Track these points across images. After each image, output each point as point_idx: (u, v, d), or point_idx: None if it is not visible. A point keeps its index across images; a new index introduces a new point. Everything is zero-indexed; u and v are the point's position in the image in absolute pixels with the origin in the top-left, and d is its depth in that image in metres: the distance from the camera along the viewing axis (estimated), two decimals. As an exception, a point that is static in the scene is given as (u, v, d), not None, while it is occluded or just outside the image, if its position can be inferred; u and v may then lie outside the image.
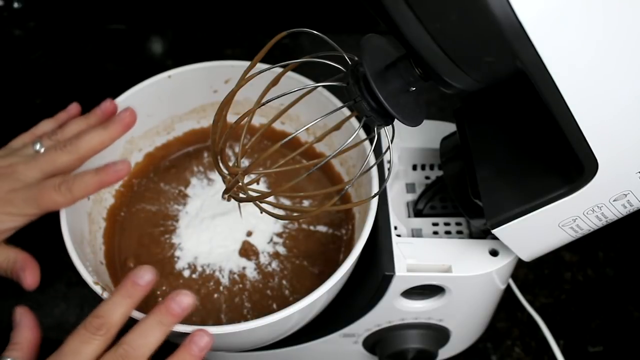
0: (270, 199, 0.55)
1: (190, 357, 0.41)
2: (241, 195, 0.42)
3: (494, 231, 0.42)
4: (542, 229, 0.42)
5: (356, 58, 0.37)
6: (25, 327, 0.43)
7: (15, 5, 0.88)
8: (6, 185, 0.46)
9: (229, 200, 0.43)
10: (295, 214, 0.50)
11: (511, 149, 0.43)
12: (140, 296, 0.41)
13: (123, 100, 0.53)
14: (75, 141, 0.48)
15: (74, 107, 0.54)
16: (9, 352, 0.42)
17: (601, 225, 0.41)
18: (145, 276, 0.41)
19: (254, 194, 0.42)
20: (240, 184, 0.41)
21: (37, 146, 0.49)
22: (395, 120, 0.37)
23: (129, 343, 0.39)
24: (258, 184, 0.43)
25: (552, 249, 0.44)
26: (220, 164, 0.42)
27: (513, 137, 0.43)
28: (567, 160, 0.36)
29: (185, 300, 0.41)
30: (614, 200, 0.38)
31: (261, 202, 0.42)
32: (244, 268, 0.53)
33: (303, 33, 0.42)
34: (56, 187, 0.46)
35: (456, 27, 0.30)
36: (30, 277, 0.46)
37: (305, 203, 0.57)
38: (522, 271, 0.68)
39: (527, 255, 0.46)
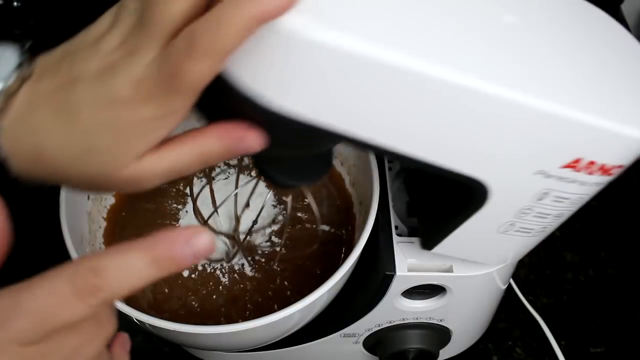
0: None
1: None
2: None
3: (434, 251, 0.43)
4: (485, 239, 0.40)
5: None
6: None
7: (15, 4, 0.88)
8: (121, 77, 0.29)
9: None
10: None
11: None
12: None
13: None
14: None
15: None
16: None
17: (557, 221, 0.38)
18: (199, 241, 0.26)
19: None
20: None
21: None
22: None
23: (102, 274, 0.25)
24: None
25: (520, 252, 0.44)
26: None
27: None
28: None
29: (201, 241, 0.26)
30: (538, 200, 0.35)
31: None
32: (244, 268, 0.53)
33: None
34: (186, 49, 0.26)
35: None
36: None
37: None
38: (524, 271, 0.68)
39: (496, 262, 0.45)
